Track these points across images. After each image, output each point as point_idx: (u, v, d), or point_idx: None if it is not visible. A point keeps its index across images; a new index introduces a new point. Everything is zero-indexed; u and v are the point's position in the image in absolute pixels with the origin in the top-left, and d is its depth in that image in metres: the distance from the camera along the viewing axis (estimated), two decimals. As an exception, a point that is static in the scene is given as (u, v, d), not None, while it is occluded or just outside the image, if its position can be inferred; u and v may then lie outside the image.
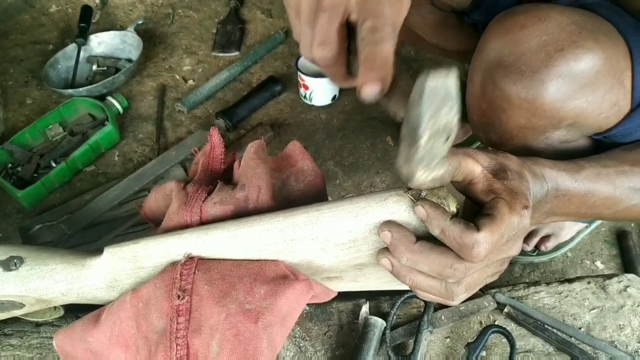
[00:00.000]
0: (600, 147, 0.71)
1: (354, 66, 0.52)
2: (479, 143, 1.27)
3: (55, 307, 0.71)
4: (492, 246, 0.47)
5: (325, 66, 0.51)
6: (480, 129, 0.76)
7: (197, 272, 0.57)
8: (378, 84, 0.46)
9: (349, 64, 0.52)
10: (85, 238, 1.12)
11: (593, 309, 0.77)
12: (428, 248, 0.50)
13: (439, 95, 0.42)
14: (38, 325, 0.75)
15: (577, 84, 0.62)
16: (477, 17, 0.93)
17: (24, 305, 0.63)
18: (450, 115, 0.43)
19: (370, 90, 0.46)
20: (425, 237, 0.51)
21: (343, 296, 0.74)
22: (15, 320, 0.73)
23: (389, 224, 0.52)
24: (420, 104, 0.43)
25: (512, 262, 1.10)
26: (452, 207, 0.53)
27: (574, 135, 0.70)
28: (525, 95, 0.64)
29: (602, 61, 0.62)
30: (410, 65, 1.53)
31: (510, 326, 0.75)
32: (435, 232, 0.49)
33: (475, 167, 0.51)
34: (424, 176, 0.47)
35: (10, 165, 1.24)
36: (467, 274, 0.50)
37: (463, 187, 0.53)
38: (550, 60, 0.62)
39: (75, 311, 0.73)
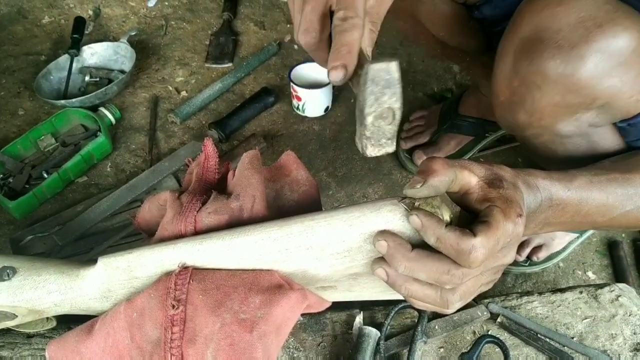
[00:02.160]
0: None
1: None
2: (471, 153, 1.28)
3: (47, 318, 0.70)
4: (488, 251, 0.47)
5: (310, 51, 0.55)
6: (507, 110, 0.75)
7: (191, 281, 0.57)
8: (341, 70, 0.50)
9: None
10: (77, 249, 1.11)
11: (585, 319, 0.78)
12: (425, 255, 0.50)
13: (382, 82, 0.49)
14: (30, 336, 0.75)
15: (614, 62, 0.63)
16: (487, 12, 0.93)
17: (17, 316, 0.63)
18: (392, 100, 0.50)
19: (334, 76, 0.51)
20: (420, 246, 0.52)
21: (337, 306, 0.74)
22: (6, 331, 0.72)
23: (384, 233, 0.52)
24: (365, 89, 0.49)
25: (505, 273, 1.11)
26: (446, 216, 0.54)
27: (603, 120, 0.71)
28: (563, 70, 0.65)
29: (637, 42, 0.63)
30: (403, 77, 1.53)
31: (504, 336, 0.76)
32: (431, 240, 0.49)
33: (472, 178, 0.52)
34: (374, 151, 0.53)
35: (1, 176, 1.23)
36: (463, 281, 0.50)
37: (459, 198, 0.54)
38: (590, 36, 0.63)
39: (67, 322, 0.73)
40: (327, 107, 1.42)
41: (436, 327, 0.75)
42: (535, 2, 0.69)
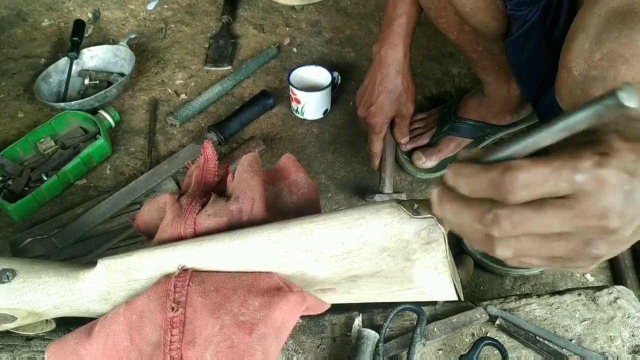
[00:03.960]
0: None
1: None
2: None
3: (46, 321, 0.70)
4: (539, 176, 0.38)
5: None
6: (579, 86, 0.70)
7: (191, 284, 0.57)
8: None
9: None
10: (76, 251, 1.11)
11: (584, 321, 0.78)
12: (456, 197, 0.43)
13: None
14: (29, 339, 0.75)
15: None
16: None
17: (16, 318, 0.63)
18: None
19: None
20: (417, 251, 0.52)
21: (336, 309, 0.74)
22: (5, 334, 0.72)
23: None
24: None
25: (503, 275, 1.11)
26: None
27: None
28: None
29: None
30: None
31: (502, 338, 0.76)
32: (465, 189, 0.41)
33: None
34: None
35: (1, 178, 1.23)
36: (515, 225, 0.39)
37: None
38: None
39: (66, 325, 0.73)
40: (326, 110, 1.42)
41: (435, 329, 0.75)
42: None
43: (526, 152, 0.39)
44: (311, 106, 1.39)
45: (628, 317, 0.78)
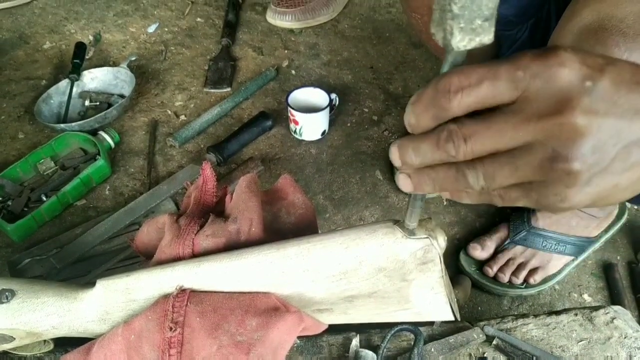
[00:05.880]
0: None
1: None
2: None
3: (44, 341, 0.70)
4: (474, 76, 0.36)
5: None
6: None
7: (189, 304, 0.57)
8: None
9: None
10: (75, 272, 1.11)
11: (581, 341, 0.78)
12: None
13: None
14: (26, 359, 0.75)
15: None
16: (503, 11, 0.93)
17: (14, 338, 0.63)
18: None
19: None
20: (413, 263, 0.52)
21: (333, 329, 0.74)
22: (3, 354, 0.72)
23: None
24: None
25: (501, 295, 1.11)
26: (441, 240, 0.55)
27: None
28: (627, 57, 0.65)
29: None
30: (398, 101, 1.56)
31: (499, 358, 0.76)
32: (412, 118, 0.40)
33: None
34: (464, 41, 0.36)
35: (0, 199, 1.23)
36: (468, 136, 0.37)
37: None
38: None
39: (64, 345, 0.73)
40: (324, 130, 1.44)
41: (432, 349, 0.75)
42: None
43: None
44: (309, 127, 1.41)
45: (625, 338, 0.78)
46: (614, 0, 0.67)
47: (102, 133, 1.37)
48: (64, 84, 1.51)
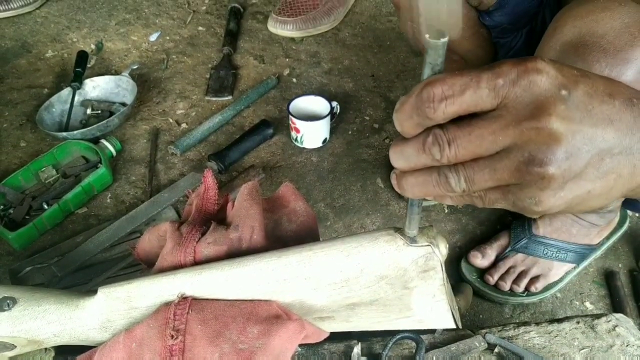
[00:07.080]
0: None
1: None
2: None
3: (46, 349, 0.70)
4: (457, 86, 0.37)
5: None
6: None
7: (190, 312, 0.57)
8: None
9: None
10: (77, 280, 1.11)
11: (583, 349, 0.78)
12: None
13: None
14: (27, 368, 0.74)
15: None
16: (498, 18, 0.94)
17: (15, 346, 0.63)
18: None
19: None
20: (410, 273, 0.52)
21: (334, 337, 0.74)
22: (4, 363, 0.72)
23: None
24: None
25: (502, 303, 1.11)
26: (442, 247, 0.55)
27: None
28: (608, 73, 0.66)
29: None
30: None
31: (502, 366, 0.76)
32: (398, 125, 0.41)
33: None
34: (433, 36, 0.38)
35: (2, 207, 1.24)
36: (451, 140, 0.38)
37: None
38: (635, 41, 0.65)
39: (65, 353, 0.73)
40: (325, 138, 1.44)
41: (434, 357, 0.75)
42: (577, 9, 0.70)
43: None
44: (310, 135, 1.41)
45: (627, 345, 0.78)
46: (594, 16, 0.68)
47: (103, 141, 1.37)
48: (66, 92, 1.52)
